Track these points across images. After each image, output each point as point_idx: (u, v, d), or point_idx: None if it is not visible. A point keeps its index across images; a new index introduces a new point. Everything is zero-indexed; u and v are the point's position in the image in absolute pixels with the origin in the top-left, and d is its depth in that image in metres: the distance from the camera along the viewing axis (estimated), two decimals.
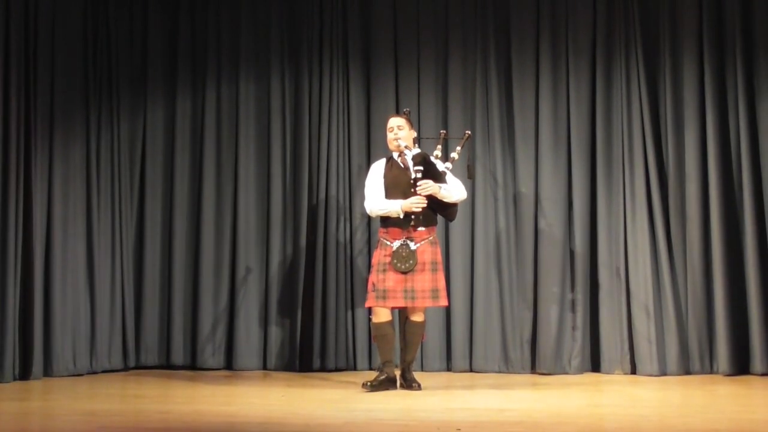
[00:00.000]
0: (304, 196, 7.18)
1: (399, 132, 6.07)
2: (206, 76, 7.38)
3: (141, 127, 7.40)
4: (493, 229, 7.01)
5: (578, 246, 6.86)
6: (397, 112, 7.16)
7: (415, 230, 5.94)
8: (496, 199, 7.02)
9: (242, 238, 7.24)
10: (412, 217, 5.93)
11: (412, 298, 5.90)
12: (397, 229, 5.97)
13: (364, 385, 5.95)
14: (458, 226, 7.03)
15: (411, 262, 5.89)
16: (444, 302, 6.02)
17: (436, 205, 6.00)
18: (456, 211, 6.17)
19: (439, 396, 5.83)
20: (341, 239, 7.13)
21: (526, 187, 6.98)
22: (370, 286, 6.00)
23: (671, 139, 6.81)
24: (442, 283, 5.98)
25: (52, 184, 6.72)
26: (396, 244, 5.94)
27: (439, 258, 6.04)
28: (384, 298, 5.92)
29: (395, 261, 5.90)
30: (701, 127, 6.74)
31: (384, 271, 5.93)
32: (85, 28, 7.03)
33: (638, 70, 6.84)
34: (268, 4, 7.38)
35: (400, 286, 5.90)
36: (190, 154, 7.39)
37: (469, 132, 6.50)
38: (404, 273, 5.89)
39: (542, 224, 6.92)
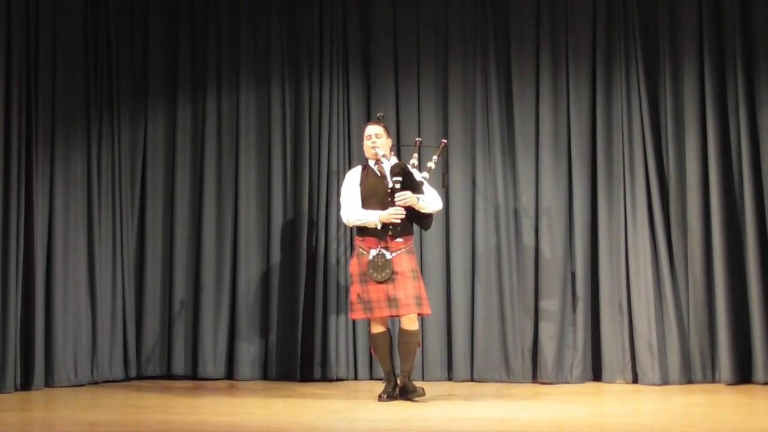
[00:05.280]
0: (304, 205, 7.18)
1: (377, 140, 6.05)
2: (206, 85, 7.39)
3: (142, 137, 7.41)
4: (493, 237, 7.01)
5: (579, 255, 6.86)
6: (398, 121, 7.21)
7: (392, 240, 5.93)
8: (496, 208, 7.02)
9: (243, 247, 7.24)
10: (390, 227, 5.90)
11: (397, 306, 5.87)
12: (373, 239, 5.94)
13: (380, 398, 5.94)
14: (458, 234, 7.04)
15: (387, 271, 5.85)
16: (427, 310, 5.98)
17: (412, 215, 5.98)
18: (431, 221, 6.15)
19: (441, 405, 5.81)
20: (342, 248, 7.13)
21: (526, 196, 6.97)
22: (354, 297, 5.97)
23: (672, 147, 6.81)
24: (423, 292, 5.95)
25: (53, 194, 6.73)
26: (372, 253, 5.92)
27: (417, 266, 6.02)
28: (370, 309, 5.91)
29: (371, 271, 5.87)
30: (702, 134, 6.74)
31: (366, 282, 5.92)
32: (86, 38, 7.04)
33: (638, 78, 6.85)
34: (268, 13, 7.39)
35: (383, 296, 5.87)
36: (190, 163, 7.40)
37: (446, 140, 6.48)
38: (380, 283, 5.87)
39: (543, 233, 6.92)
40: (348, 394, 6.45)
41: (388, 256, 5.89)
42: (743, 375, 6.52)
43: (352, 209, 6.03)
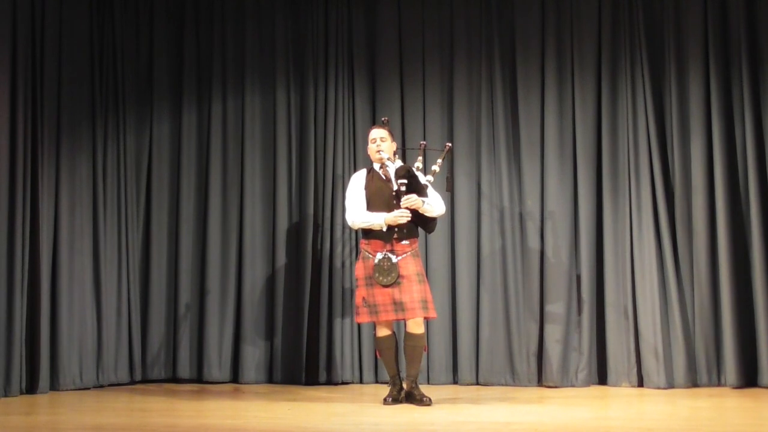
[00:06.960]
0: (310, 208, 7.19)
1: (381, 143, 6.06)
2: (212, 89, 7.41)
3: (147, 141, 7.42)
4: (498, 241, 7.01)
5: (584, 258, 6.85)
6: (403, 124, 7.21)
7: (397, 243, 5.93)
8: (501, 211, 7.02)
9: (248, 250, 7.25)
10: (395, 230, 5.91)
11: (403, 310, 5.87)
12: (379, 242, 5.94)
13: (385, 401, 5.94)
14: (464, 238, 7.05)
15: (393, 275, 5.85)
16: (433, 314, 5.96)
17: (416, 218, 5.97)
18: (435, 225, 6.14)
19: (446, 409, 5.81)
20: (347, 252, 7.13)
21: (531, 200, 6.98)
22: (359, 301, 5.97)
23: (677, 151, 6.81)
24: (429, 295, 5.94)
25: (58, 198, 6.74)
26: (378, 256, 5.92)
27: (423, 269, 6.02)
28: (376, 312, 5.91)
29: (377, 274, 5.87)
30: (707, 138, 6.74)
31: (371, 285, 5.92)
32: (92, 42, 7.06)
33: (644, 82, 6.85)
34: (273, 17, 7.40)
35: (389, 299, 5.87)
36: (196, 167, 7.41)
37: (450, 144, 6.47)
38: (386, 286, 5.87)
39: (548, 237, 6.92)
40: (353, 397, 6.45)
41: (394, 259, 5.89)
42: (749, 378, 6.51)
43: (357, 212, 6.03)
